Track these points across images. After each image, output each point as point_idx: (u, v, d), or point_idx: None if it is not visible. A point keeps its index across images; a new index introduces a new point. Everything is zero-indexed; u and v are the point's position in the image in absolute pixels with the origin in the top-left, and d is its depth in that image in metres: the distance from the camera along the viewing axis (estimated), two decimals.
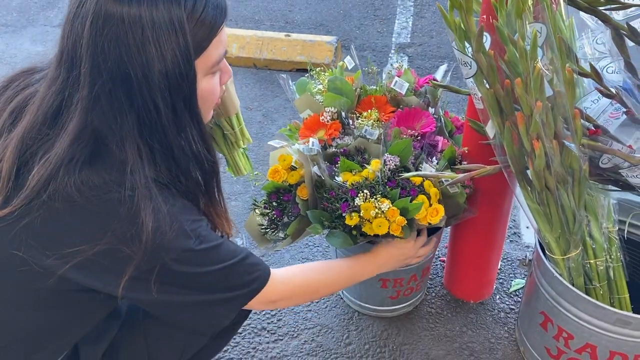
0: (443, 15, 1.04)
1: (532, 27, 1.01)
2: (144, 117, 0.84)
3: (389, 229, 1.22)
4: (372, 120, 1.37)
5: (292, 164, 1.36)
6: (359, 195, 1.22)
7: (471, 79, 1.11)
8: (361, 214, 1.21)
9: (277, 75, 1.57)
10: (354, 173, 1.28)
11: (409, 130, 1.37)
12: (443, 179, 1.26)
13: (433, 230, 1.46)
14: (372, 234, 1.23)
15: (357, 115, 1.43)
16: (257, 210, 1.41)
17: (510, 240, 2.00)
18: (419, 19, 3.66)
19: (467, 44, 1.07)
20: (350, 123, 1.42)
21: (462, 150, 1.39)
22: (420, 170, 1.29)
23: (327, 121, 1.41)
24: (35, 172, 0.83)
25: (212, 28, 0.87)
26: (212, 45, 0.88)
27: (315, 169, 1.29)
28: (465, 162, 1.37)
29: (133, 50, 0.80)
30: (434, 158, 1.35)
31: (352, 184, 1.25)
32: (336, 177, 1.29)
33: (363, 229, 1.24)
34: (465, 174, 1.21)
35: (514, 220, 2.08)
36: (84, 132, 0.84)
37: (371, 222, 1.22)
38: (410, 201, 1.22)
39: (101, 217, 0.83)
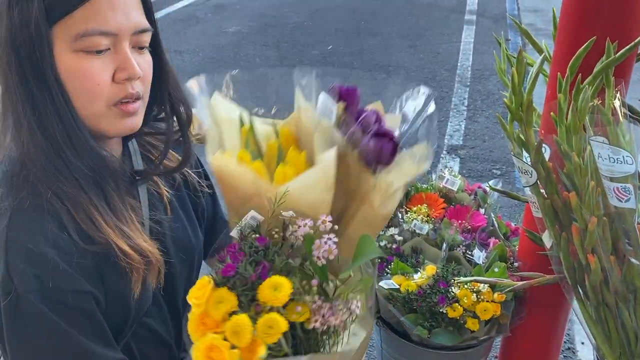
0: (502, 126, 1.07)
1: (594, 140, 1.01)
2: None
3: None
4: (421, 215, 1.38)
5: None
6: (454, 282, 1.20)
7: (529, 188, 1.11)
8: (462, 303, 1.19)
9: None
10: (407, 277, 1.24)
11: (459, 222, 1.36)
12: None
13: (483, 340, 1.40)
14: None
15: (407, 210, 1.43)
16: None
17: (565, 356, 1.89)
18: (472, 122, 3.73)
19: (525, 154, 1.08)
20: (400, 216, 1.42)
21: (512, 249, 1.36)
22: (473, 259, 1.24)
23: None
24: None
25: None
26: (79, 12, 0.80)
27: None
28: (519, 263, 1.34)
29: None
30: (484, 252, 1.33)
31: (427, 285, 1.22)
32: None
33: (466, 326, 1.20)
34: (524, 282, 1.18)
35: (569, 335, 1.98)
36: None
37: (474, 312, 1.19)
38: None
39: None
